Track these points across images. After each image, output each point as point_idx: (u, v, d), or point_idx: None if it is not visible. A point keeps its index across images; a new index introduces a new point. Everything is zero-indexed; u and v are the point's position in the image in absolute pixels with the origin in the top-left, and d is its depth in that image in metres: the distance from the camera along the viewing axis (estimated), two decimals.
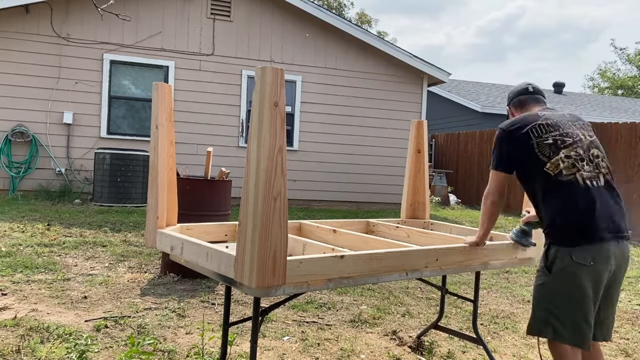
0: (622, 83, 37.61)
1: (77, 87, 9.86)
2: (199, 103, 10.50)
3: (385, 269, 2.33)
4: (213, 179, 4.93)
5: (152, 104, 2.67)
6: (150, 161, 2.67)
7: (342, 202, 11.40)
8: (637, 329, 4.15)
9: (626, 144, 9.53)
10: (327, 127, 11.29)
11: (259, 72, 1.91)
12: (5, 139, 9.43)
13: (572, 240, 2.22)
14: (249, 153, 1.95)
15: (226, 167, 5.79)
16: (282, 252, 1.96)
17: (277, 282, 1.96)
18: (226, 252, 2.11)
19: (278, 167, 1.91)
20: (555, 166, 2.26)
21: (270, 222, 1.91)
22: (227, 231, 3.01)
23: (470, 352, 3.43)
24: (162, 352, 3.06)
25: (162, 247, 2.58)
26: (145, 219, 3.21)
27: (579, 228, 2.21)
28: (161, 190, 2.62)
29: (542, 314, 2.29)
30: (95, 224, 7.19)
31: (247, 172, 1.95)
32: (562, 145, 2.29)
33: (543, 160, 2.29)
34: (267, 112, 1.89)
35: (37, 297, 3.94)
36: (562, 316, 2.23)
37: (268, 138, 1.89)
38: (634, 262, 7.02)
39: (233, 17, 10.70)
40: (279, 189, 1.92)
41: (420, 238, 3.12)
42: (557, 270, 2.24)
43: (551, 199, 2.28)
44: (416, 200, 3.69)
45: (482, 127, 17.18)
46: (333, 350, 3.31)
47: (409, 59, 11.46)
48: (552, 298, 2.26)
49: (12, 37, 9.51)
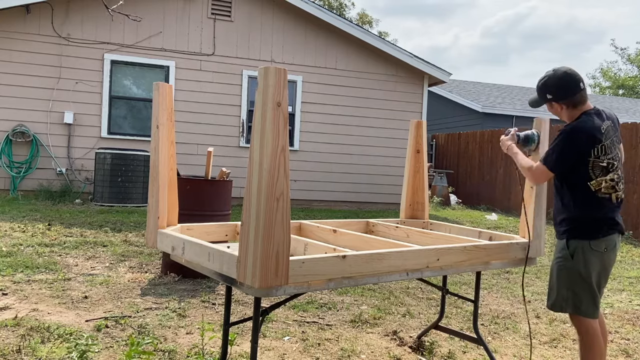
0: (623, 83, 37.58)
1: (78, 87, 9.86)
2: (200, 103, 10.50)
3: (386, 269, 2.33)
4: (214, 179, 4.93)
5: (153, 104, 2.66)
6: (150, 161, 2.67)
7: (342, 202, 11.40)
8: (637, 330, 4.15)
9: (627, 144, 9.52)
10: (327, 127, 11.29)
11: (261, 73, 1.91)
12: (6, 139, 9.44)
13: (592, 234, 2.62)
14: (252, 153, 1.94)
15: (227, 167, 5.79)
16: (284, 253, 1.95)
17: (279, 282, 1.96)
18: (228, 252, 2.11)
19: (281, 167, 1.91)
20: (599, 184, 2.60)
21: (273, 222, 1.91)
22: (227, 231, 3.01)
23: (471, 353, 3.43)
24: (162, 352, 3.06)
25: (163, 247, 2.58)
26: (146, 219, 3.21)
27: (600, 227, 2.63)
28: (162, 190, 2.62)
29: (565, 293, 2.66)
30: (96, 224, 7.19)
31: (249, 173, 1.95)
32: (611, 169, 2.62)
33: (591, 176, 2.59)
34: (270, 112, 1.88)
35: (38, 297, 3.94)
36: (580, 293, 2.64)
37: (271, 138, 1.88)
38: (634, 262, 7.01)
39: (234, 17, 10.70)
40: (281, 189, 1.92)
41: (419, 238, 3.12)
42: (578, 257, 2.62)
43: (584, 205, 2.63)
44: (415, 200, 3.69)
45: (482, 127, 17.19)
46: (333, 350, 3.31)
47: (410, 59, 11.46)
48: (573, 279, 2.64)
49: (12, 37, 9.52)
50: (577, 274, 2.63)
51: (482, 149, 13.74)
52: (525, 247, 2.92)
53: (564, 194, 2.70)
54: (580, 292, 2.63)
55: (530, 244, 2.93)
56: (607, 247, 2.63)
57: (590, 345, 2.64)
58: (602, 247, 2.62)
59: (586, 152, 2.56)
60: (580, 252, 2.62)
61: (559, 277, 2.69)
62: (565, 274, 2.67)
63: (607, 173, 2.59)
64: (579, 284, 2.63)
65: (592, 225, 2.62)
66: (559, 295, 2.69)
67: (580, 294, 2.63)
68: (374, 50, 11.40)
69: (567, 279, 2.66)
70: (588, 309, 2.63)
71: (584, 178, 2.59)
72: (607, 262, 2.66)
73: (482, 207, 12.94)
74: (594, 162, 2.57)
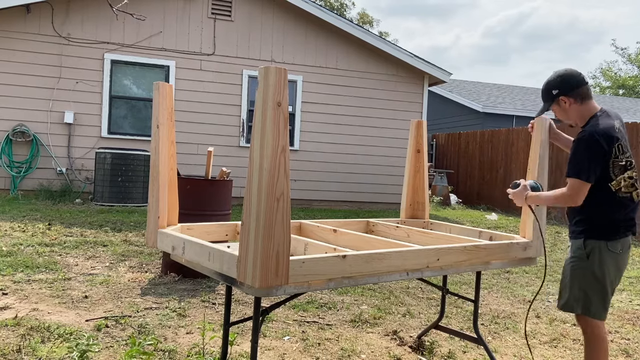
0: (623, 82, 37.58)
1: (78, 87, 9.86)
2: (200, 103, 10.50)
3: (386, 269, 2.33)
4: (214, 179, 4.93)
5: (153, 103, 2.66)
6: (151, 161, 2.66)
7: (342, 202, 11.40)
8: (638, 329, 4.15)
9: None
10: (327, 127, 11.29)
11: (262, 72, 1.91)
12: (6, 138, 9.44)
13: (609, 235, 2.62)
14: (252, 153, 1.94)
15: (227, 166, 5.79)
16: (285, 252, 1.95)
17: (279, 282, 1.96)
18: (229, 252, 2.11)
19: (281, 167, 1.91)
20: (618, 183, 2.59)
21: (273, 222, 1.91)
22: (227, 231, 3.01)
23: (471, 352, 3.43)
24: (162, 351, 3.06)
25: (164, 247, 2.58)
26: (147, 219, 3.21)
27: (618, 228, 2.63)
28: (162, 190, 2.62)
29: (577, 293, 2.65)
30: (96, 224, 7.19)
31: (250, 173, 1.95)
32: (629, 167, 2.61)
33: (611, 177, 2.58)
34: (270, 112, 1.88)
35: (38, 297, 3.95)
36: (592, 294, 2.63)
37: (271, 138, 1.88)
38: (634, 262, 7.01)
39: (234, 16, 10.70)
40: (281, 189, 1.92)
41: (420, 238, 3.12)
42: (594, 257, 2.61)
43: (604, 205, 2.61)
44: (416, 200, 3.69)
45: (483, 127, 17.18)
46: (334, 350, 3.31)
47: (410, 58, 11.46)
48: (587, 279, 2.63)
49: (13, 36, 9.52)
50: (591, 274, 2.62)
51: (482, 148, 13.73)
52: (526, 246, 2.92)
53: None
54: (592, 293, 2.62)
55: (531, 243, 2.93)
56: (623, 248, 2.64)
57: (596, 346, 2.64)
58: (619, 248, 2.62)
59: (608, 153, 2.53)
60: (597, 252, 2.62)
61: (573, 277, 2.68)
62: (579, 274, 2.66)
63: (625, 171, 2.58)
64: (592, 285, 2.62)
65: (611, 225, 2.62)
66: (571, 295, 2.67)
67: (592, 295, 2.62)
68: (374, 50, 11.40)
69: (581, 280, 2.65)
70: (597, 311, 2.62)
71: (605, 179, 2.57)
72: (621, 263, 2.66)
73: (482, 207, 12.94)
74: (613, 162, 2.55)
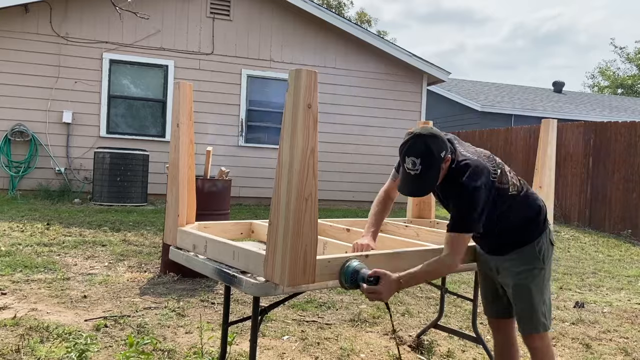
0: (622, 82, 37.62)
1: (77, 87, 9.85)
2: (199, 102, 10.46)
3: (403, 268, 2.34)
4: (213, 178, 4.93)
5: (173, 102, 2.69)
6: (170, 160, 2.68)
7: (340, 202, 11.39)
8: (636, 328, 4.15)
9: (625, 143, 9.52)
10: (326, 126, 11.27)
11: (292, 75, 1.92)
12: (5, 138, 9.42)
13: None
14: (281, 154, 1.95)
15: (226, 166, 5.79)
16: (312, 252, 1.98)
17: (307, 281, 1.99)
18: (255, 251, 2.12)
19: (310, 168, 1.92)
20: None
21: (301, 222, 1.93)
22: (242, 229, 3.04)
23: (470, 351, 3.44)
24: (161, 351, 3.06)
25: (184, 244, 2.58)
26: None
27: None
28: (182, 188, 2.63)
29: (542, 308, 2.33)
30: (95, 224, 7.18)
31: (279, 173, 1.97)
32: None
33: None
34: (301, 114, 1.89)
35: (37, 297, 3.94)
36: (548, 301, 2.37)
37: (301, 139, 1.90)
38: (633, 261, 7.02)
39: (232, 16, 10.69)
40: (310, 190, 1.94)
41: (429, 236, 3.14)
42: (547, 258, 2.37)
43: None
44: (422, 200, 3.71)
45: (481, 126, 17.18)
46: (333, 349, 3.32)
47: (409, 57, 11.45)
48: (546, 287, 2.38)
49: (11, 36, 9.50)
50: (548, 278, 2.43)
51: (481, 147, 13.74)
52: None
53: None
54: (548, 300, 2.41)
55: None
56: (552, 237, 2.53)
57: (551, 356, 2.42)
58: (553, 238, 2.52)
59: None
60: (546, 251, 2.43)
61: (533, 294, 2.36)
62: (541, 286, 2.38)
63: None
64: (548, 291, 2.41)
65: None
66: (538, 314, 2.36)
67: (548, 301, 2.41)
68: (373, 49, 11.39)
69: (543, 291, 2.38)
70: (550, 319, 2.40)
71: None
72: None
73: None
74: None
